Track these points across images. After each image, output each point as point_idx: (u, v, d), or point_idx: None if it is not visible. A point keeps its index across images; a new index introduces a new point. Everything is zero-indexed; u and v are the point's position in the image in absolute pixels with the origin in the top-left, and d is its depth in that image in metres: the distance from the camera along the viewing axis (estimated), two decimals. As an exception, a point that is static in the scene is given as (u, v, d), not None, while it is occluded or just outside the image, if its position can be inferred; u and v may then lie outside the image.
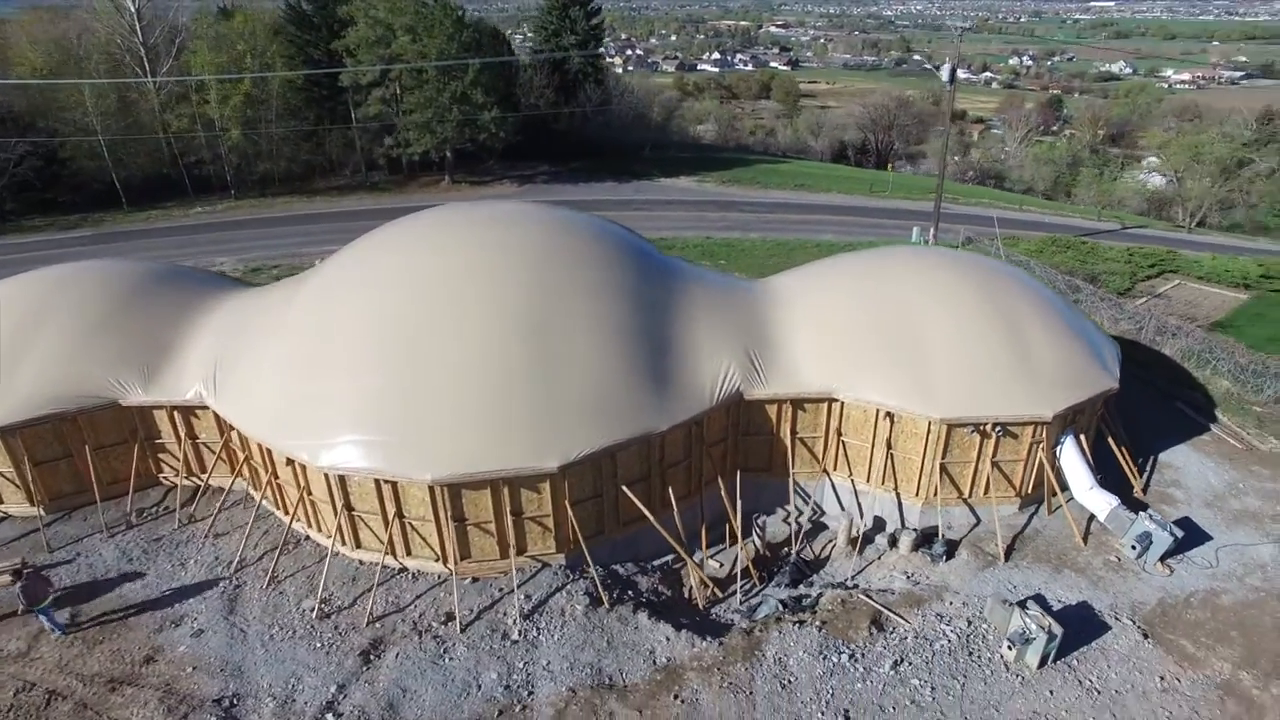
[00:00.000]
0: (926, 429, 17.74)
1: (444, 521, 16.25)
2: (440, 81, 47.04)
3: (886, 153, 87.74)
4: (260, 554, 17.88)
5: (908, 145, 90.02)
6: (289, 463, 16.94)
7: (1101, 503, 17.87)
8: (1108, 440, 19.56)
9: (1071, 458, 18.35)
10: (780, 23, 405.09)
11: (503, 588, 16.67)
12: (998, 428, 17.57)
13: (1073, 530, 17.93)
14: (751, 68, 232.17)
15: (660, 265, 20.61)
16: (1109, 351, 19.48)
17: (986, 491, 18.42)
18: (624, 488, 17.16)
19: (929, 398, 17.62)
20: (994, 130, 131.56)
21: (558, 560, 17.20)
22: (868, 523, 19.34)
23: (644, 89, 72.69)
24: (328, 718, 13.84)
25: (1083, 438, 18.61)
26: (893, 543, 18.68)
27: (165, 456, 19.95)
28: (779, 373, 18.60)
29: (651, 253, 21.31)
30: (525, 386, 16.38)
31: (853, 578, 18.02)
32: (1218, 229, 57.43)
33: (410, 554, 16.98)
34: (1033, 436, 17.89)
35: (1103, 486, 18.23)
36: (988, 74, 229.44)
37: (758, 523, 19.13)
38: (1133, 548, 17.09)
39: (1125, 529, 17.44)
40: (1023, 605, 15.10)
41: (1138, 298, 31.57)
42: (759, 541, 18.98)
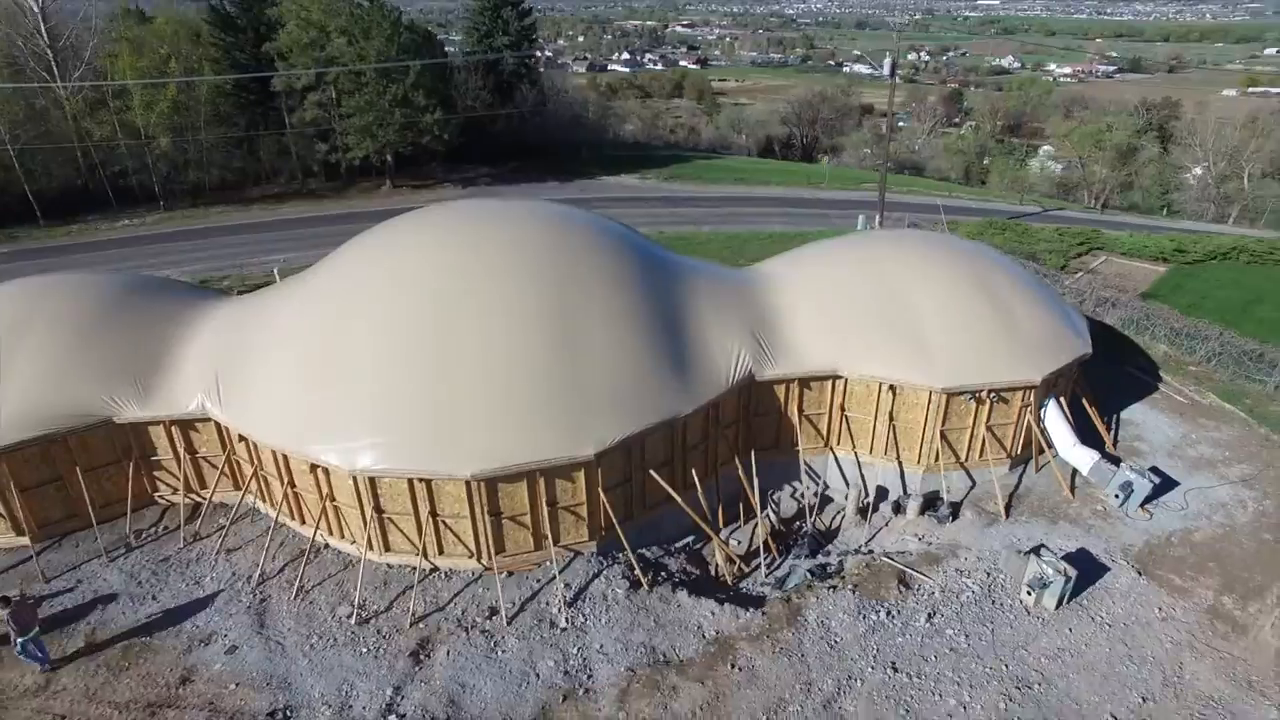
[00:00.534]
0: (928, 399, 18.87)
1: (480, 517, 16.29)
2: (380, 84, 46.03)
3: (812, 146, 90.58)
4: (280, 566, 17.43)
5: (831, 138, 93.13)
6: (313, 469, 16.59)
7: (1084, 458, 19.43)
8: (1081, 402, 21.20)
9: (1054, 419, 19.86)
10: (686, 22, 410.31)
11: (540, 579, 16.82)
12: (992, 394, 18.87)
13: (1061, 485, 19.43)
14: (662, 67, 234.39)
15: (660, 256, 21.10)
16: (1078, 319, 21.15)
17: (981, 455, 19.73)
18: (651, 471, 17.59)
19: (929, 369, 18.76)
20: (901, 124, 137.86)
21: (589, 548, 17.46)
22: (871, 492, 20.36)
23: (577, 89, 72.75)
24: (392, 718, 13.75)
25: (1062, 400, 20.16)
26: (897, 509, 19.77)
27: (161, 474, 19.13)
28: (785, 354, 19.39)
29: (649, 244, 21.79)
30: (554, 377, 16.60)
31: (866, 544, 18.99)
32: (1119, 209, 62.05)
33: (442, 553, 16.91)
34: (1022, 400, 19.28)
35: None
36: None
37: (773, 499, 19.88)
38: (1116, 496, 18.68)
39: (1107, 480, 19.03)
40: (1034, 553, 16.37)
41: (1074, 273, 34.05)
42: (774, 517, 19.73)
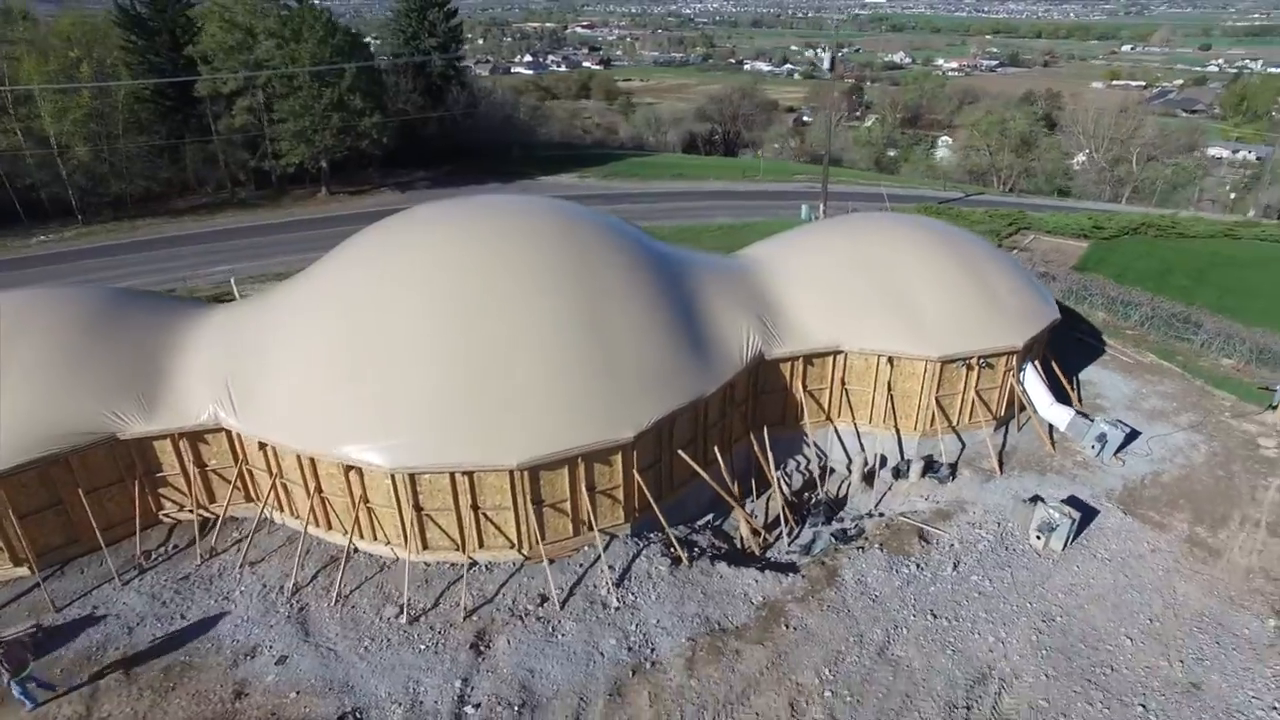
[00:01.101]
0: (924, 369, 20.19)
1: (522, 506, 16.46)
2: (314, 88, 44.63)
3: (734, 141, 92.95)
4: (311, 574, 17.07)
5: (753, 132, 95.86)
6: (346, 471, 16.35)
7: (1062, 415, 21.21)
8: (1051, 365, 23.06)
9: (1033, 381, 21.58)
10: (585, 23, 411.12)
11: (582, 563, 17.12)
12: (981, 360, 20.36)
13: (1043, 441, 21.14)
14: (565, 68, 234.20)
15: (659, 246, 21.67)
16: (1044, 290, 23.01)
17: (971, 418, 21.22)
18: (679, 451, 18.16)
19: (924, 340, 20.07)
20: (806, 119, 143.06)
21: (624, 530, 17.87)
22: (870, 459, 21.55)
23: (506, 90, 72.28)
24: (466, 710, 13.82)
25: (1037, 364, 21.91)
26: (897, 474, 21.04)
27: (167, 491, 18.36)
28: (790, 333, 20.33)
29: (645, 235, 22.32)
30: (587, 363, 16.94)
31: (876, 507, 20.16)
32: (1026, 192, 66.58)
33: (482, 546, 16.97)
34: (1005, 365, 20.87)
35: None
36: (789, 66, 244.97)
37: (784, 471, 20.78)
38: (1093, 447, 20.50)
39: (1084, 433, 20.85)
40: (1035, 501, 17.86)
41: (1010, 250, 36.62)
42: (786, 489, 20.64)
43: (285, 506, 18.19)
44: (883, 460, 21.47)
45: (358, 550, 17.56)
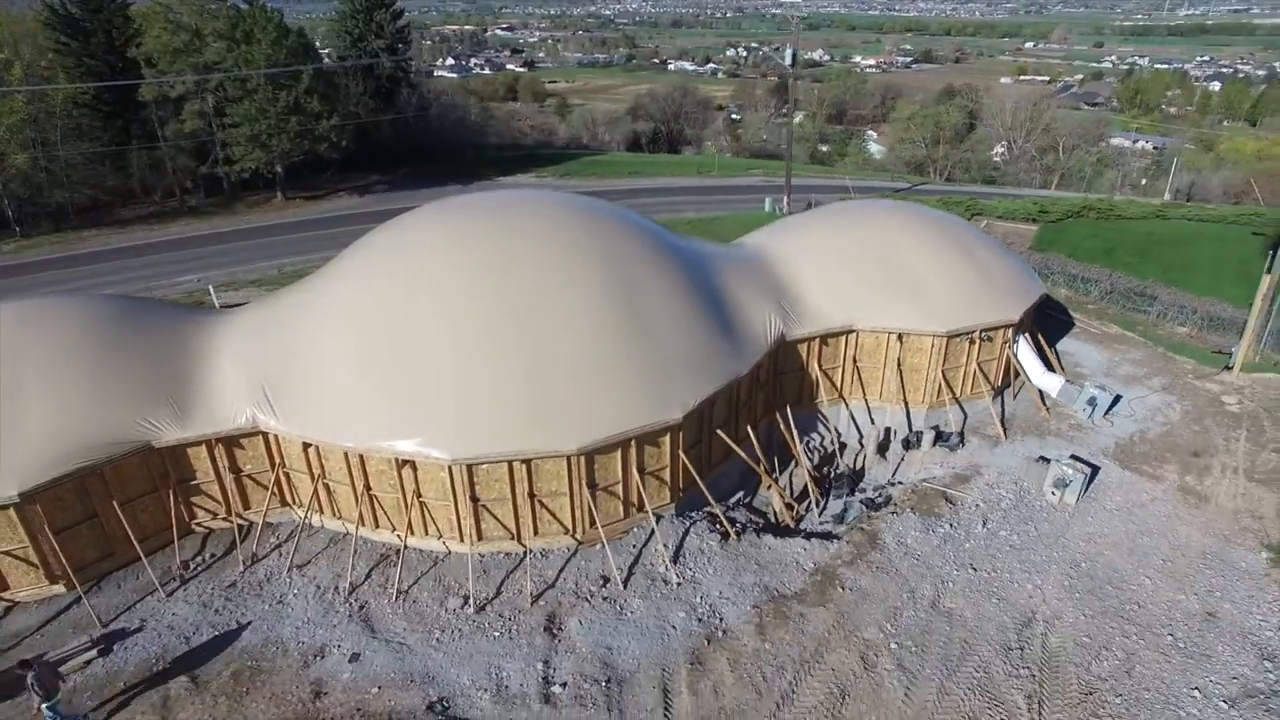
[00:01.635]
0: (931, 344, 21.39)
1: (578, 491, 16.80)
2: (269, 91, 43.39)
3: (676, 139, 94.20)
4: (364, 573, 16.98)
5: (695, 131, 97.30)
6: (400, 465, 16.37)
7: (1053, 382, 22.80)
8: (1036, 338, 24.67)
9: (1025, 352, 23.09)
10: (504, 25, 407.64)
11: (635, 544, 17.57)
12: (983, 334, 21.71)
13: (1039, 407, 22.67)
14: (489, 71, 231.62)
15: (672, 236, 22.26)
16: (1028, 268, 24.60)
17: (973, 389, 22.57)
18: (718, 430, 18.82)
19: (931, 317, 21.27)
20: (735, 116, 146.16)
21: (669, 510, 18.39)
22: (882, 433, 22.67)
23: (455, 91, 71.47)
24: (554, 690, 14.12)
25: (1027, 336, 23.45)
26: (907, 445, 22.20)
27: (200, 500, 17.91)
28: (806, 315, 21.23)
29: (658, 226, 22.87)
30: (634, 348, 17.41)
31: (894, 476, 21.26)
32: (963, 181, 69.94)
33: (537, 533, 17.22)
34: (1002, 338, 22.30)
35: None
36: (712, 65, 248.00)
37: (808, 448, 21.67)
38: (1085, 409, 22.12)
39: (1074, 398, 22.47)
40: (1043, 460, 19.23)
41: (969, 236, 38.67)
42: (808, 464, 21.52)
43: (327, 508, 17.99)
44: (888, 434, 22.60)
45: (407, 546, 17.55)
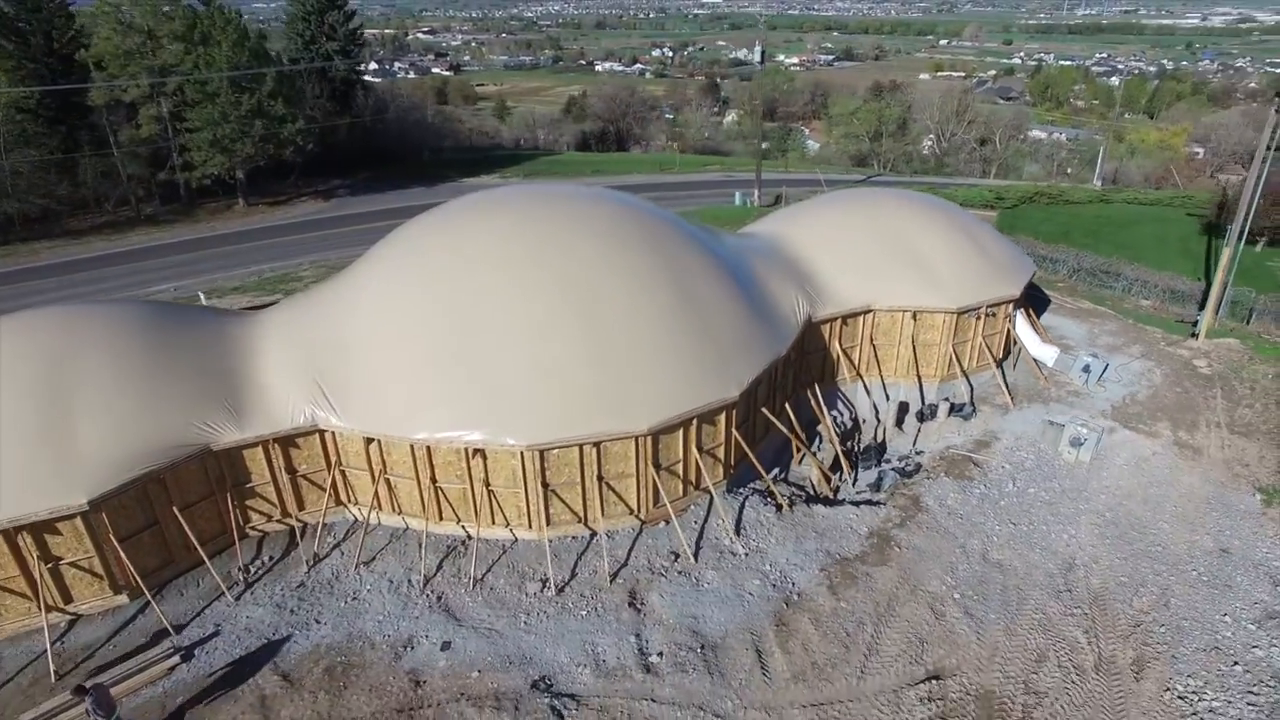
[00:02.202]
0: (943, 321, 22.72)
1: (643, 471, 17.33)
2: (231, 94, 42.13)
3: (624, 138, 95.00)
4: (435, 564, 17.09)
5: (642, 130, 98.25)
6: (471, 455, 16.57)
7: (1050, 352, 24.48)
8: (1029, 313, 26.38)
9: (1023, 326, 24.73)
10: (426, 29, 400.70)
11: (695, 521, 18.19)
12: (988, 310, 23.16)
13: (1038, 376, 24.30)
14: (415, 75, 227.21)
15: (692, 225, 22.97)
16: (1017, 247, 26.26)
17: (979, 362, 24.03)
18: (762, 409, 19.63)
19: (943, 295, 22.59)
20: (668, 115, 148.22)
21: (721, 487, 19.08)
22: (898, 407, 23.90)
23: (411, 93, 70.48)
24: (652, 659, 14.64)
25: (1022, 310, 25.09)
26: (921, 417, 23.49)
27: (254, 502, 17.67)
28: (828, 297, 22.26)
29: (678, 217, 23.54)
30: (688, 333, 18.03)
31: (915, 445, 22.49)
32: (908, 173, 72.85)
33: (604, 515, 17.64)
34: (1004, 313, 23.83)
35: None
36: (639, 65, 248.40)
37: (834, 422, 22.68)
38: (1080, 376, 23.85)
39: (1070, 366, 24.19)
40: (1052, 423, 20.76)
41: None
42: (837, 438, 22.56)
43: (387, 504, 17.99)
44: (903, 408, 23.87)
45: (471, 537, 17.74)
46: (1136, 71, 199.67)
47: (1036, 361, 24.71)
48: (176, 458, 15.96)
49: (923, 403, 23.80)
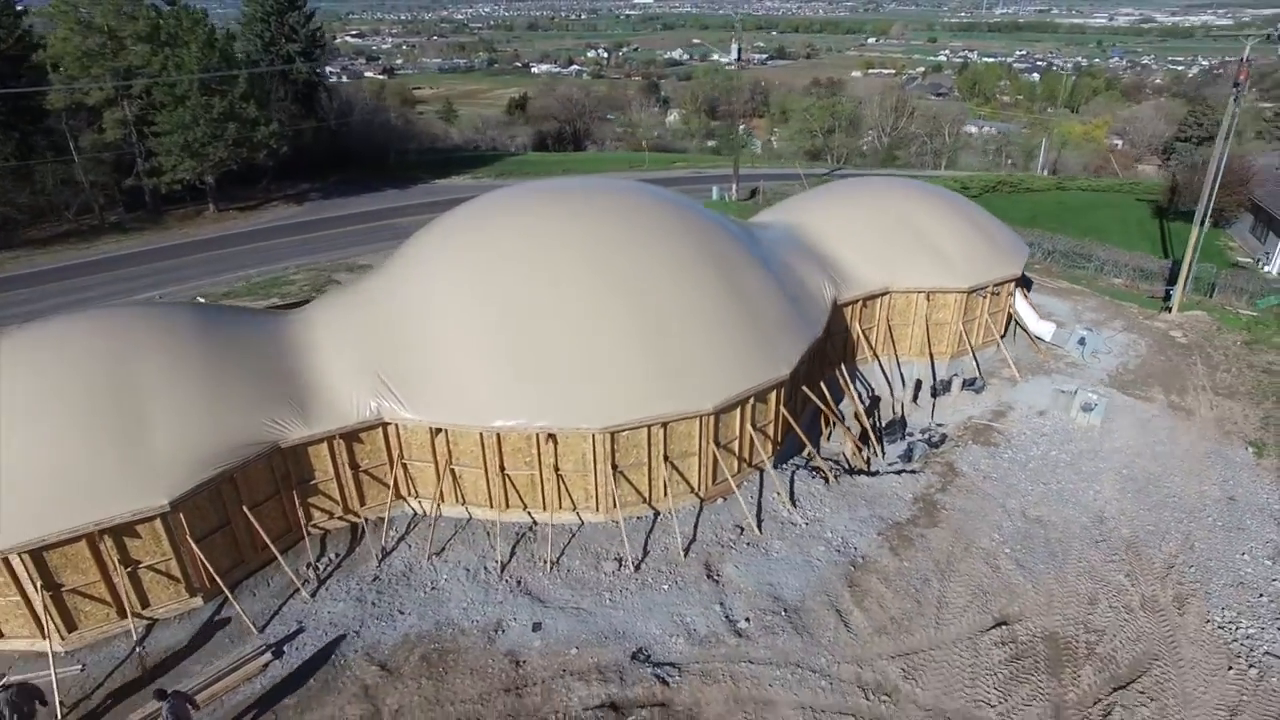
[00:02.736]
0: (954, 300, 24.04)
1: (706, 449, 17.98)
2: (201, 97, 40.94)
3: (581, 137, 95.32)
4: (506, 552, 17.39)
5: (599, 129, 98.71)
6: (541, 440, 16.94)
7: (1047, 328, 26.12)
8: (1019, 292, 28.02)
9: (1021, 303, 26.30)
10: (355, 32, 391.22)
11: (751, 496, 18.93)
12: (994, 289, 24.59)
13: (1035, 349, 25.90)
14: (348, 79, 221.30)
15: (715, 214, 23.73)
16: (1010, 229, 27.87)
17: (984, 339, 25.47)
18: (803, 387, 20.52)
19: (954, 276, 23.89)
20: (609, 116, 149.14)
21: (768, 464, 19.85)
22: (913, 384, 25.14)
23: (374, 95, 69.26)
24: (741, 625, 15.31)
25: (1021, 289, 26.67)
26: (934, 393, 24.79)
27: (316, 499, 17.63)
28: (849, 282, 23.30)
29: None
30: (737, 317, 18.75)
31: (933, 418, 23.73)
32: (863, 165, 75.32)
33: (666, 494, 18.22)
34: (1007, 291, 25.33)
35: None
36: (575, 66, 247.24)
37: (858, 396, 23.75)
38: (1076, 349, 25.53)
39: (1066, 340, 25.87)
40: (1060, 391, 22.29)
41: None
42: (864, 413, 23.63)
43: (450, 495, 18.16)
44: (920, 383, 25.14)
45: (536, 523, 18.09)
46: (1054, 68, 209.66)
47: (1035, 336, 26.31)
48: (248, 456, 15.88)
49: (934, 379, 25.09)
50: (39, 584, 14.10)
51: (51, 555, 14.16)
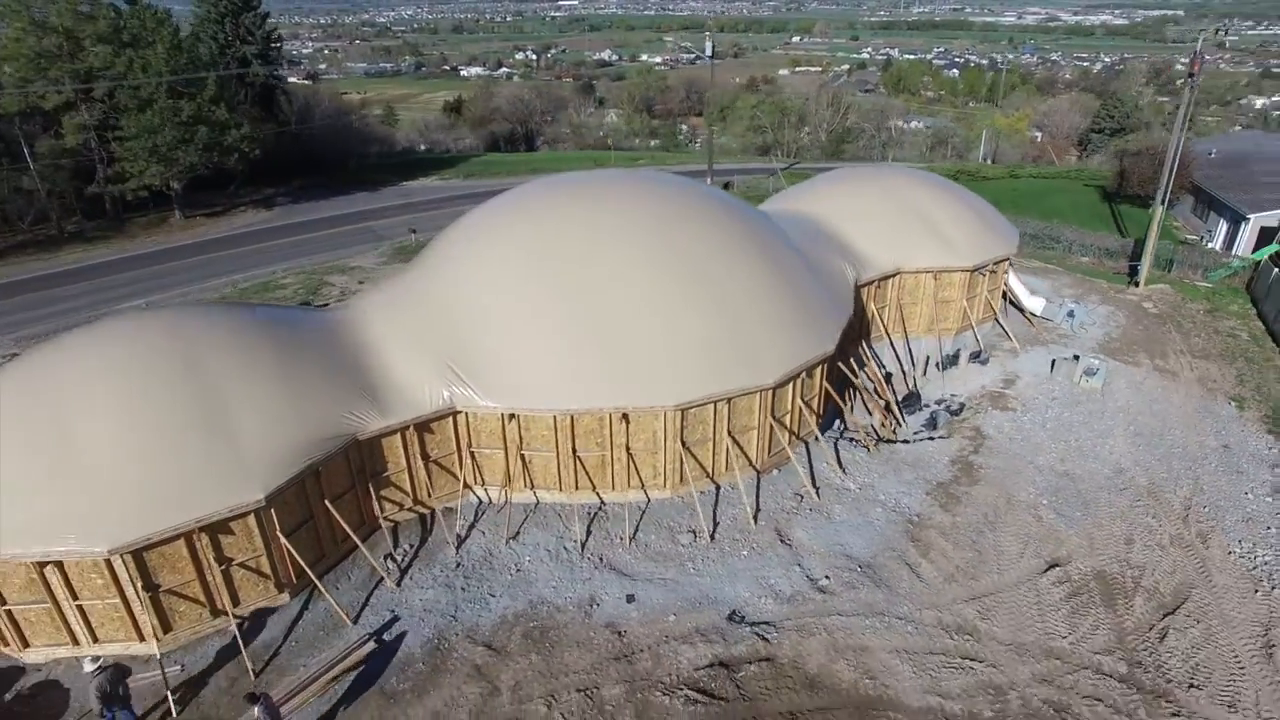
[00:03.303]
0: (959, 279, 25.58)
1: (763, 423, 18.87)
2: (169, 100, 39.62)
3: (533, 137, 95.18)
4: (581, 532, 17.88)
5: (552, 129, 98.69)
6: (620, 420, 17.51)
7: (1038, 302, 28.00)
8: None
9: (1014, 280, 28.10)
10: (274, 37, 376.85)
11: (802, 466, 19.90)
12: (993, 267, 26.27)
13: (1028, 323, 27.75)
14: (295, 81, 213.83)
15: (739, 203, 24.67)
16: (998, 212, 29.70)
17: (984, 314, 27.15)
18: (839, 363, 21.63)
19: (958, 256, 25.42)
20: (554, 118, 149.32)
21: (814, 435, 20.89)
22: (923, 359, 26.60)
23: (333, 98, 67.87)
24: (822, 582, 16.25)
25: (1012, 269, 28.51)
26: (943, 366, 26.33)
27: (388, 491, 17.77)
28: (864, 263, 24.56)
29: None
30: (786, 297, 19.72)
31: (946, 390, 25.22)
32: (815, 159, 77.66)
33: (728, 469, 19.01)
34: (1004, 269, 27.06)
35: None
36: (505, 69, 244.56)
37: (869, 373, 25.04)
38: (1066, 321, 27.47)
39: (1056, 313, 27.79)
40: (1061, 359, 24.11)
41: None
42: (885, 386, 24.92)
43: (519, 480, 18.53)
44: (928, 359, 26.63)
45: (605, 503, 18.65)
46: (972, 64, 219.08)
47: (1029, 311, 28.17)
48: (331, 449, 15.96)
49: (941, 354, 26.61)
50: (139, 584, 13.95)
51: (151, 556, 14.03)
